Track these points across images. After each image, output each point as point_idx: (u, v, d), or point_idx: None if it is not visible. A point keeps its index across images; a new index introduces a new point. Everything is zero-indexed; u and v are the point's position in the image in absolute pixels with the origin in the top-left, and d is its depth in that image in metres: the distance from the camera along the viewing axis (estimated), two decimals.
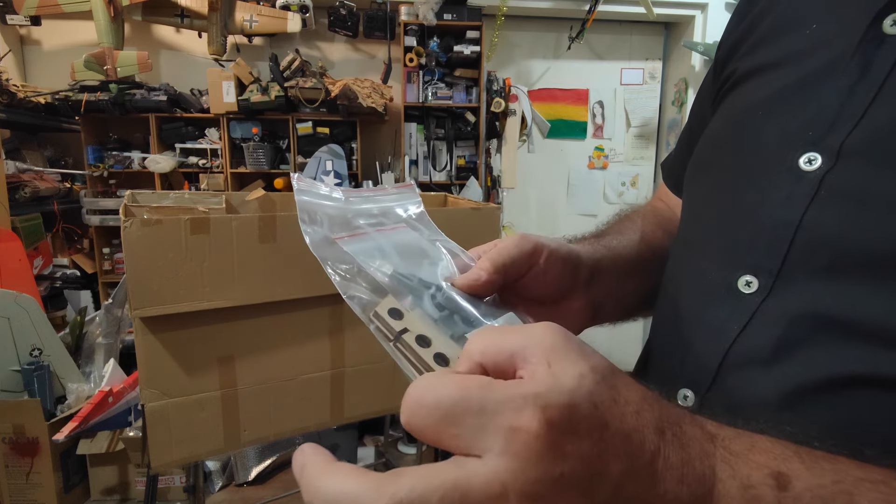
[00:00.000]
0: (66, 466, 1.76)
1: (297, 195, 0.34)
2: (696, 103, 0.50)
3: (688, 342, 0.37)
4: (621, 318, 0.49)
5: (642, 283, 0.48)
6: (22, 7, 2.29)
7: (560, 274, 0.37)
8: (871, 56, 0.31)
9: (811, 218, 0.31)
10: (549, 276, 0.37)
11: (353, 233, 0.33)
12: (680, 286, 0.41)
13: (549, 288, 0.38)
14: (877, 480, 0.22)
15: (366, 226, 0.35)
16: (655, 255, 0.49)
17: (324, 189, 0.37)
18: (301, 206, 0.33)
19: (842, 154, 0.31)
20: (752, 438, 0.24)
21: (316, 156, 2.49)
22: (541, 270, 0.36)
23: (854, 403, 0.28)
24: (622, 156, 3.20)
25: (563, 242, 0.39)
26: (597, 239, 0.46)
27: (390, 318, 0.27)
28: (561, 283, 0.38)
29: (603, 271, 0.42)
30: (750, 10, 0.42)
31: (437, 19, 2.50)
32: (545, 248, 0.36)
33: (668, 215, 0.54)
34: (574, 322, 0.40)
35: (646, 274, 0.48)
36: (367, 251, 0.31)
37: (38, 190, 2.31)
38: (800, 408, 0.30)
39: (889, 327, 0.27)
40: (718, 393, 0.34)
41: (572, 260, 0.38)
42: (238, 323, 0.99)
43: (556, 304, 0.39)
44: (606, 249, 0.44)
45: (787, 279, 0.32)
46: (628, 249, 0.47)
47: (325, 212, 0.34)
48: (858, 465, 0.23)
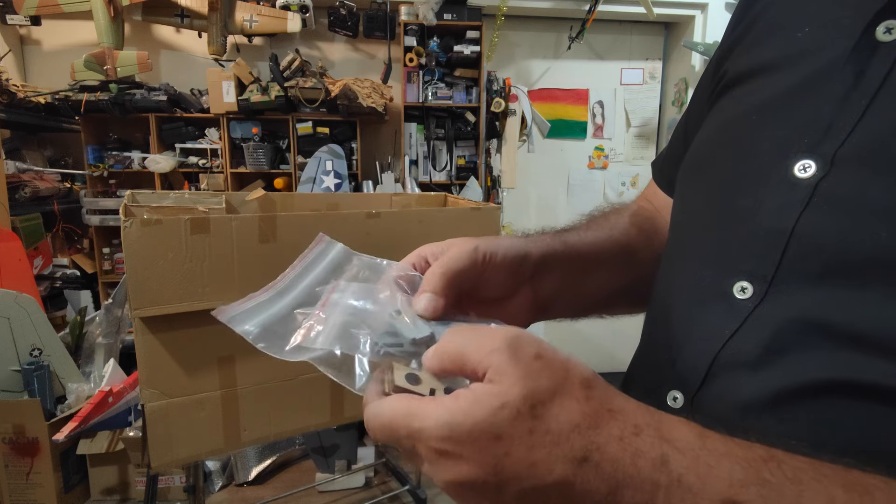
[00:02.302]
0: (66, 466, 1.76)
1: (234, 326, 0.32)
2: (693, 101, 0.50)
3: (679, 344, 0.37)
4: (579, 314, 0.49)
5: (603, 281, 0.48)
6: (22, 7, 2.29)
7: (504, 277, 0.39)
8: (865, 64, 0.31)
9: (804, 225, 0.31)
10: (496, 281, 0.38)
11: (305, 328, 0.31)
12: (672, 289, 0.41)
13: (495, 289, 0.39)
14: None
15: (303, 313, 0.32)
16: (623, 254, 0.48)
17: (248, 303, 0.34)
18: (246, 335, 0.31)
19: (836, 162, 0.31)
20: (713, 460, 0.24)
21: (316, 156, 2.49)
22: (489, 277, 0.37)
23: (838, 409, 0.28)
24: (622, 156, 3.20)
25: (513, 241, 0.40)
26: (556, 234, 0.46)
27: (410, 384, 0.28)
28: (505, 284, 0.40)
29: (552, 265, 0.42)
30: (748, 11, 0.42)
31: (437, 19, 2.50)
32: (495, 256, 0.37)
33: (649, 216, 0.54)
34: (519, 315, 0.42)
35: (608, 271, 0.48)
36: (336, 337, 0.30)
37: (38, 190, 2.31)
38: (784, 411, 0.30)
39: (876, 334, 0.27)
40: (707, 394, 0.34)
41: (518, 260, 0.39)
42: None
43: (502, 301, 0.41)
44: (562, 244, 0.44)
45: (780, 285, 0.32)
46: (590, 245, 0.46)
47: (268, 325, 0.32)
48: (825, 488, 0.23)
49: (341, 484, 2.02)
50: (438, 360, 0.28)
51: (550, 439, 0.24)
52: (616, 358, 3.00)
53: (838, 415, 0.28)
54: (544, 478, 0.24)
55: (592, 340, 3.10)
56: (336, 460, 2.05)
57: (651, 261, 0.48)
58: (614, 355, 3.02)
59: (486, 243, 0.37)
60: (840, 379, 0.28)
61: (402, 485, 1.99)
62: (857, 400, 0.28)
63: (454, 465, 0.25)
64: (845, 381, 0.28)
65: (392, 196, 1.53)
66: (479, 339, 0.27)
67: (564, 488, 0.24)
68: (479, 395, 0.25)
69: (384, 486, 2.06)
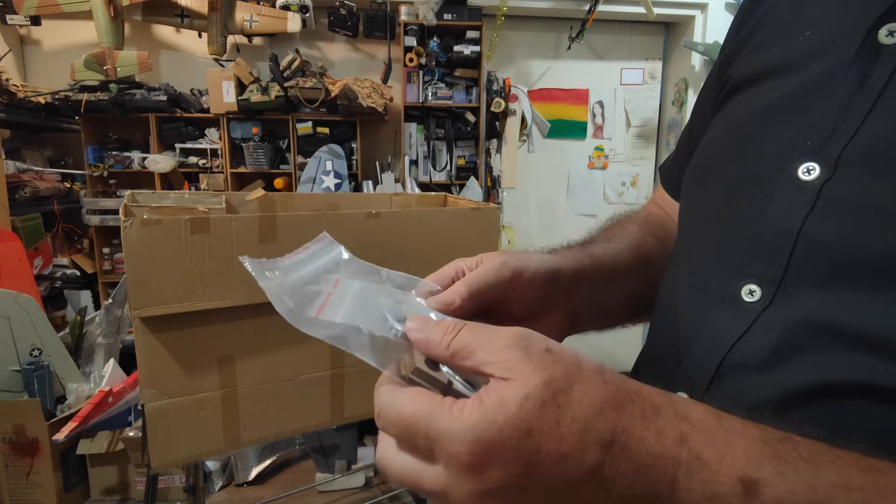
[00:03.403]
0: (66, 466, 1.76)
1: (260, 282, 0.33)
2: (697, 106, 0.50)
3: (686, 346, 0.37)
4: (604, 325, 0.50)
5: (627, 291, 0.48)
6: (22, 7, 2.29)
7: (539, 294, 0.38)
8: (868, 67, 0.31)
9: (810, 228, 0.31)
10: (528, 298, 0.38)
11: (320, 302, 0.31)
12: (680, 292, 0.41)
13: (528, 307, 0.39)
14: (852, 487, 0.22)
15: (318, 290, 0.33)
16: (642, 263, 0.49)
17: (268, 262, 0.35)
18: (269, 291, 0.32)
19: (840, 164, 0.31)
20: (730, 438, 0.24)
21: (316, 156, 2.49)
22: (520, 293, 0.37)
23: (846, 411, 0.28)
24: (622, 156, 3.20)
25: (544, 258, 0.40)
26: (582, 248, 0.46)
27: (431, 370, 0.28)
28: (540, 302, 0.39)
29: (583, 281, 0.42)
30: (752, 14, 0.42)
31: (437, 19, 2.50)
32: (525, 272, 0.37)
33: (660, 221, 0.54)
34: (552, 332, 0.41)
35: (631, 281, 0.48)
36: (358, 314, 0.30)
37: (38, 190, 2.31)
38: (793, 413, 0.30)
39: (885, 336, 0.27)
40: (715, 396, 0.34)
41: (551, 277, 0.39)
42: (238, 323, 0.99)
43: (534, 319, 0.40)
44: (589, 259, 0.44)
45: (788, 288, 0.32)
46: (613, 258, 0.46)
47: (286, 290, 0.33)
48: (840, 468, 0.23)
49: (341, 484, 2.02)
50: (450, 353, 0.27)
51: (578, 427, 0.24)
52: (616, 358, 2.99)
53: (848, 417, 0.28)
54: (575, 471, 0.23)
55: (592, 341, 3.08)
56: (336, 460, 2.05)
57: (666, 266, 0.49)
58: (614, 355, 3.01)
59: (515, 258, 0.37)
60: (850, 381, 0.28)
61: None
62: (867, 402, 0.28)
63: (481, 472, 0.23)
64: (855, 384, 0.28)
65: (392, 196, 1.53)
66: (488, 336, 0.26)
67: (595, 476, 0.24)
68: (503, 393, 0.24)
69: (384, 486, 2.06)
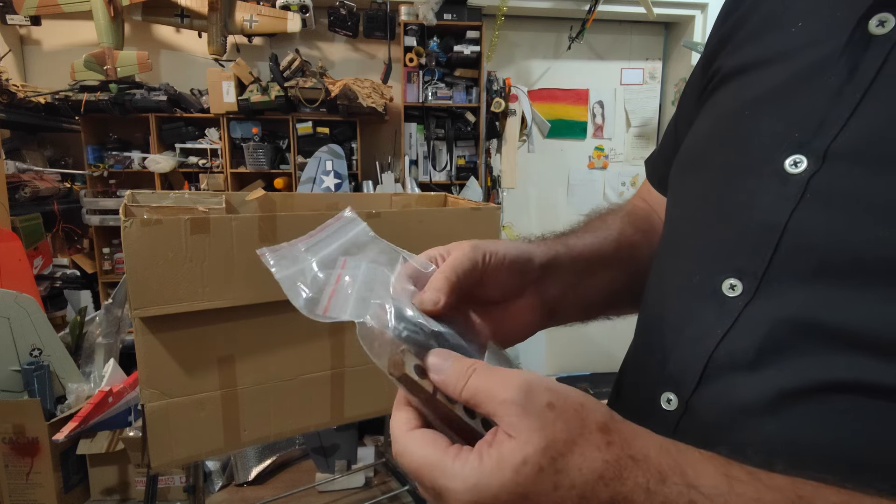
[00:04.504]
0: (66, 466, 1.76)
1: (277, 275, 0.33)
2: (683, 99, 0.49)
3: (672, 345, 0.36)
4: (585, 317, 0.49)
5: (607, 281, 0.47)
6: (22, 7, 2.28)
7: (508, 277, 0.38)
8: (858, 58, 0.31)
9: (797, 221, 0.31)
10: (497, 281, 0.38)
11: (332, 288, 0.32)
12: (664, 287, 0.40)
13: (498, 291, 0.39)
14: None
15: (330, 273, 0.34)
16: (623, 253, 0.48)
17: (287, 247, 0.36)
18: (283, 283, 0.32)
19: (828, 157, 0.31)
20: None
21: (316, 156, 2.49)
22: (492, 276, 0.37)
23: (837, 409, 0.28)
24: (622, 156, 3.20)
25: (516, 244, 0.40)
26: (558, 238, 0.45)
27: (417, 376, 0.28)
28: (509, 286, 0.39)
29: (557, 269, 0.42)
30: (738, 6, 0.42)
31: (437, 19, 2.50)
32: (495, 255, 0.37)
33: (645, 215, 0.54)
34: (525, 320, 0.41)
35: (611, 272, 0.47)
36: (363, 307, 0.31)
37: (38, 190, 2.31)
38: (783, 413, 0.29)
39: (873, 334, 0.27)
40: (703, 397, 0.33)
41: (521, 261, 0.39)
42: (238, 323, 0.99)
43: (506, 304, 0.40)
44: (564, 248, 0.44)
45: (771, 283, 0.31)
46: (592, 248, 0.46)
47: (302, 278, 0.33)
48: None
49: (341, 484, 2.02)
50: (464, 401, 0.27)
51: (577, 493, 0.23)
52: (615, 358, 2.98)
53: (840, 415, 0.28)
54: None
55: (592, 341, 3.10)
56: (336, 460, 2.05)
57: (650, 259, 0.48)
58: (614, 355, 3.01)
59: (486, 243, 0.37)
60: (840, 380, 0.28)
61: (402, 485, 1.99)
62: (858, 400, 0.27)
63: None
64: (845, 382, 0.28)
65: (392, 196, 1.53)
66: (494, 384, 0.26)
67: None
68: (504, 452, 0.24)
69: (384, 486, 2.06)
